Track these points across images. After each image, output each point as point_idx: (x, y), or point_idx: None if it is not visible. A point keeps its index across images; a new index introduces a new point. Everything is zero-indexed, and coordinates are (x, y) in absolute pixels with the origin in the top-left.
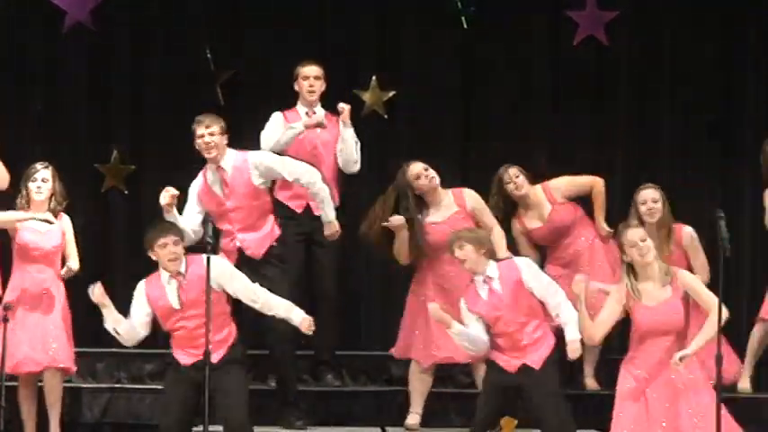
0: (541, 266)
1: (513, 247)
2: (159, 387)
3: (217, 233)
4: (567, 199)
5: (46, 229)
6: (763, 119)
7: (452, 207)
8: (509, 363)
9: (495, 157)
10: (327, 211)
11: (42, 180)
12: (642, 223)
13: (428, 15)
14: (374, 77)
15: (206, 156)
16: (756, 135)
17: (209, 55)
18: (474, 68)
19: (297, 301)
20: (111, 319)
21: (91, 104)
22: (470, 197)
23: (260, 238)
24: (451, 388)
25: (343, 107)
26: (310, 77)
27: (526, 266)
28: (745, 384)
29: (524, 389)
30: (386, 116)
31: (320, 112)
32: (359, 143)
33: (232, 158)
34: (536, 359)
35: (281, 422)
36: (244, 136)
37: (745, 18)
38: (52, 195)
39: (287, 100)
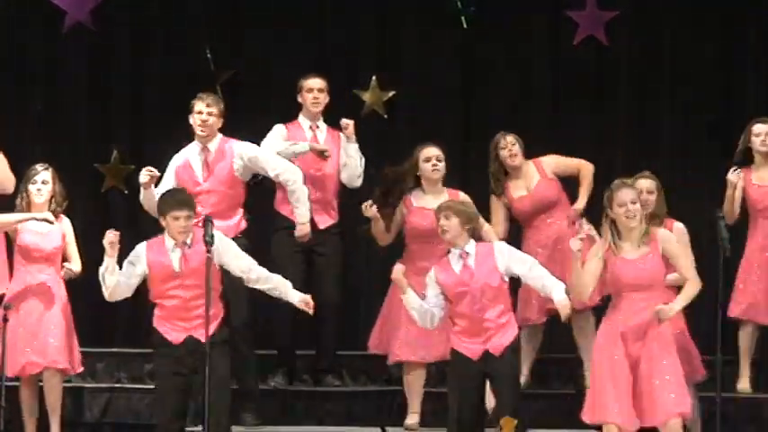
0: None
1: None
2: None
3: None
4: (556, 177)
5: (47, 230)
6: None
7: None
8: (471, 349)
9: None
10: (302, 212)
11: (42, 182)
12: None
13: (428, 15)
14: (374, 77)
15: (198, 132)
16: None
17: (208, 55)
18: (474, 68)
19: (296, 310)
20: (111, 267)
21: (91, 104)
22: (464, 199)
23: (226, 226)
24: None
25: (347, 123)
26: (314, 90)
27: (504, 250)
28: (744, 385)
29: (488, 375)
30: (386, 116)
31: (323, 127)
32: (363, 158)
33: (218, 142)
34: (497, 345)
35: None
36: (244, 136)
37: (745, 18)
38: (52, 197)
39: (287, 100)
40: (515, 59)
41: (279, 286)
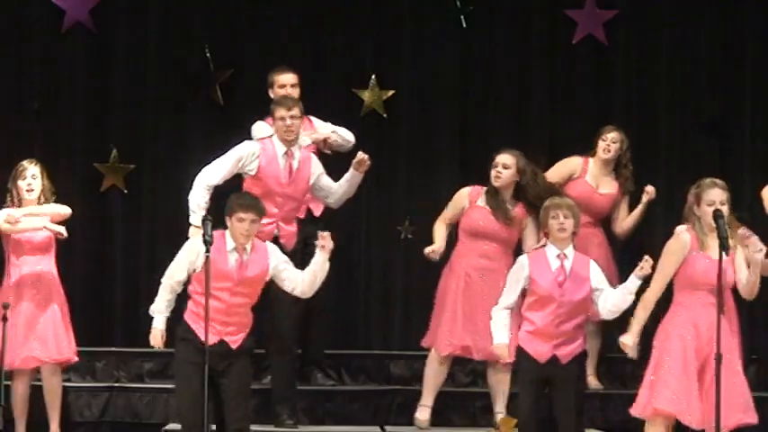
0: None
1: None
2: (159, 386)
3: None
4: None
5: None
6: (763, 119)
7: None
8: (539, 352)
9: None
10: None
11: (32, 177)
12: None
13: (428, 15)
14: (374, 77)
15: (286, 138)
16: (756, 135)
17: (208, 55)
18: (474, 68)
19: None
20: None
21: (90, 104)
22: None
23: (293, 233)
24: (451, 387)
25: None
26: (287, 86)
27: (597, 268)
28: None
29: (551, 381)
30: (385, 116)
31: (323, 126)
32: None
33: (302, 150)
34: (566, 353)
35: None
36: (244, 136)
37: (744, 18)
38: (42, 192)
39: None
40: (515, 59)
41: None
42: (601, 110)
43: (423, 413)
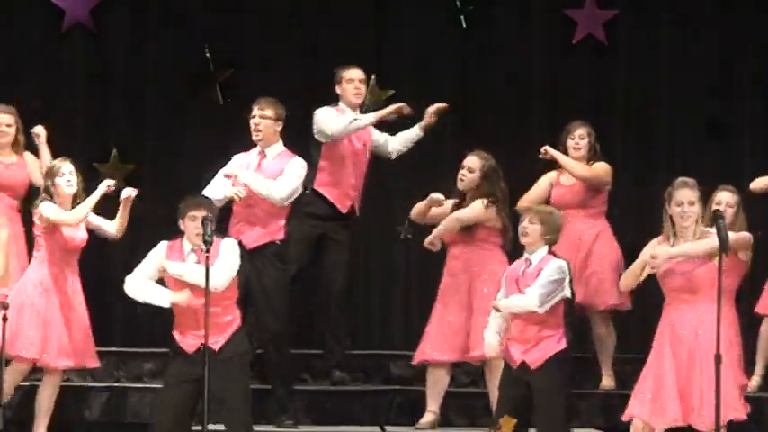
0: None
1: None
2: (159, 386)
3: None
4: None
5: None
6: (764, 119)
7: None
8: (512, 356)
9: (494, 157)
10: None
11: (70, 173)
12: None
13: (428, 15)
14: (374, 77)
15: (253, 137)
16: (756, 135)
17: (208, 55)
18: (473, 68)
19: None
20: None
21: (90, 104)
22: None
23: (263, 233)
24: (452, 387)
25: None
26: (355, 81)
27: (552, 265)
28: (754, 383)
29: (529, 388)
30: None
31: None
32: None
33: (278, 150)
34: (535, 359)
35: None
36: (243, 136)
37: (745, 17)
38: (77, 189)
39: (286, 100)
40: (515, 58)
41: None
42: (601, 110)
43: (426, 417)
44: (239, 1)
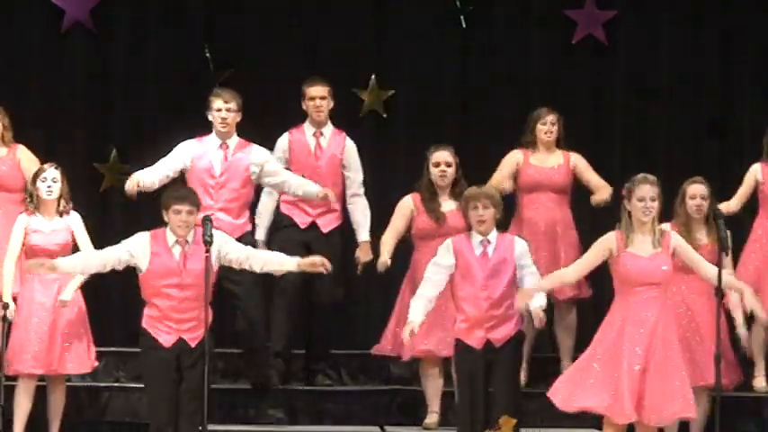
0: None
1: None
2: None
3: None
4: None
5: (50, 229)
6: (763, 119)
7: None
8: (475, 338)
9: (494, 157)
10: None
11: (53, 180)
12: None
13: (428, 15)
14: (374, 77)
15: (218, 129)
16: (756, 135)
17: (208, 54)
18: (473, 68)
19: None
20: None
21: (90, 104)
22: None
23: (233, 225)
24: (452, 387)
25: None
26: (316, 98)
27: (521, 242)
28: (760, 384)
29: (490, 368)
30: (385, 116)
31: (327, 133)
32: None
33: (237, 140)
34: (499, 337)
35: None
36: (243, 135)
37: (745, 17)
38: (60, 196)
39: (286, 100)
40: (514, 58)
41: (278, 258)
42: (601, 110)
43: (430, 417)
44: (239, 1)
